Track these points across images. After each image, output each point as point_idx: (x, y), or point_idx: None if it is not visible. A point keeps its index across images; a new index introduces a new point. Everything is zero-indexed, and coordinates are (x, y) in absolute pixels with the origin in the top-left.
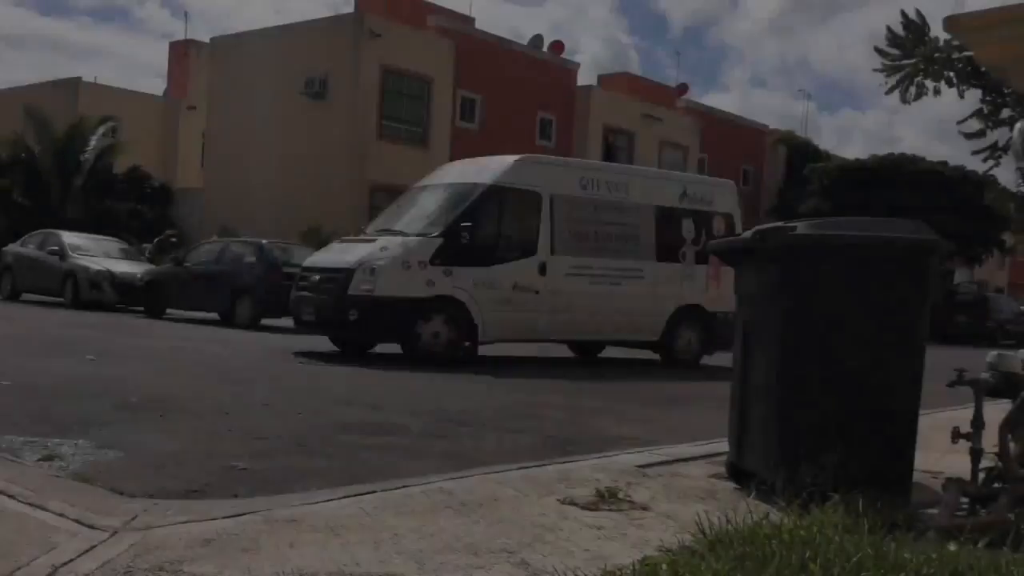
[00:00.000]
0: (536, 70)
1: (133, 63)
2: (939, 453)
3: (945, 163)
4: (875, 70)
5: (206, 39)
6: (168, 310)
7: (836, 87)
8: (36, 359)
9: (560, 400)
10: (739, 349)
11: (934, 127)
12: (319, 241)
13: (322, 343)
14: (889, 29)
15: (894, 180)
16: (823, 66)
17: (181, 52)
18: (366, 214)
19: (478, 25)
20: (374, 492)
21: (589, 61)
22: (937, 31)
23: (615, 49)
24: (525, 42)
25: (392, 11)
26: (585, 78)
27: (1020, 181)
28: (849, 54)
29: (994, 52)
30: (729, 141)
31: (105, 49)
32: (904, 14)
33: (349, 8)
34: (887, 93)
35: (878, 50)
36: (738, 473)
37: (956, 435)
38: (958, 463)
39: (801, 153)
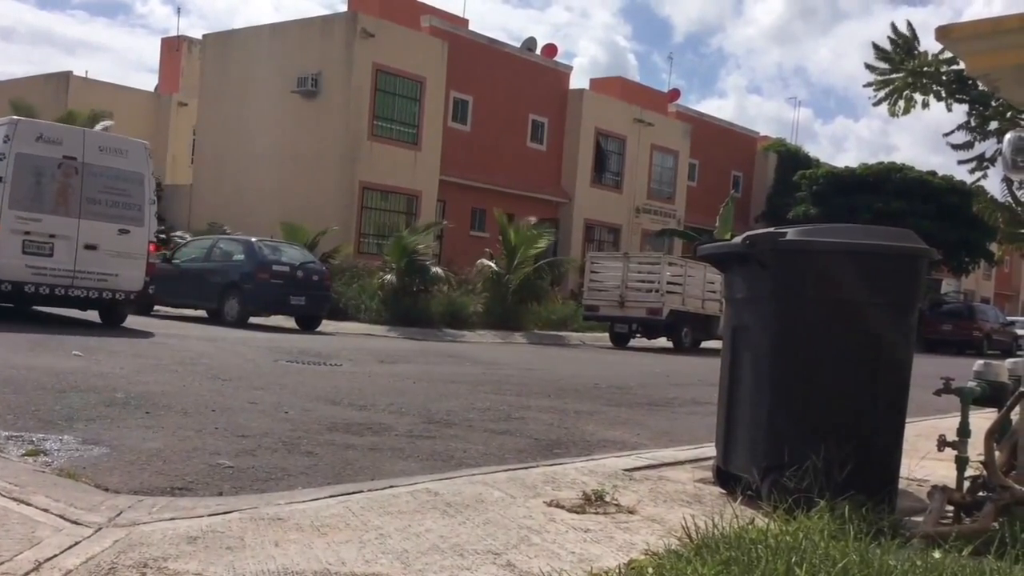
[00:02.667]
0: (529, 72)
1: (128, 58)
2: (925, 460)
3: (933, 173)
4: (865, 85)
5: (199, 36)
6: (156, 307)
7: (834, 95)
8: (22, 354)
9: (546, 402)
10: (727, 353)
11: (930, 137)
12: (305, 239)
13: (309, 341)
14: (876, 46)
15: (882, 188)
16: (823, 74)
17: (173, 48)
18: (356, 213)
19: (482, 28)
20: (360, 492)
21: (587, 65)
22: (926, 45)
23: (616, 54)
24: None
25: (385, 11)
26: (583, 82)
27: (1007, 191)
28: (848, 62)
29: (985, 62)
30: (720, 147)
31: (100, 43)
32: (894, 28)
33: (343, 7)
34: (875, 105)
35: (868, 66)
36: (725, 477)
37: (942, 443)
38: (943, 471)
39: (791, 160)
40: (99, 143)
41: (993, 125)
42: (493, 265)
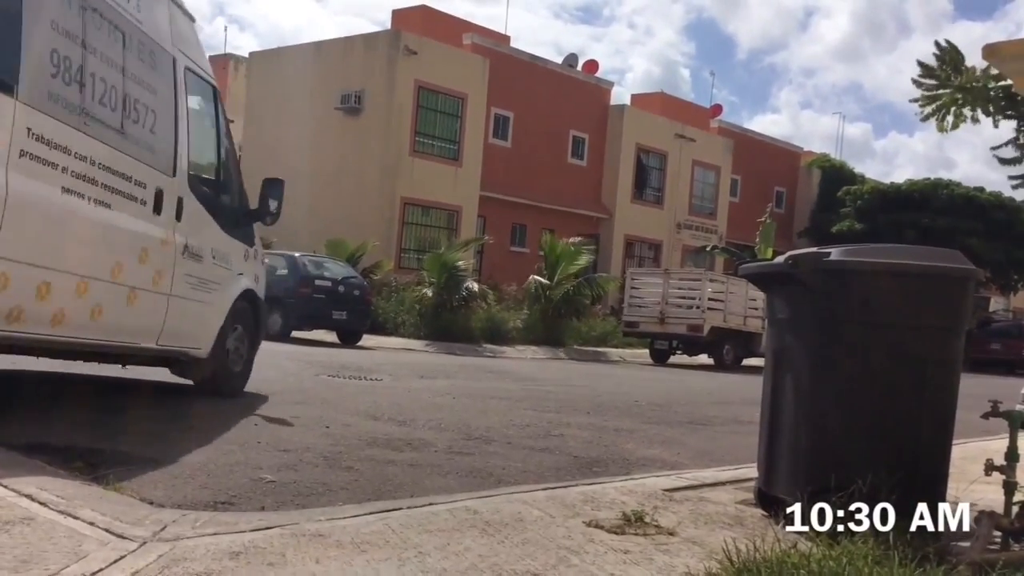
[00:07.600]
0: (570, 89)
1: None
2: (972, 485)
3: (981, 189)
4: (911, 100)
5: (245, 54)
6: None
7: (890, 110)
8: (65, 367)
9: (585, 419)
10: (769, 375)
11: (988, 153)
12: (347, 254)
13: (350, 356)
14: (920, 63)
15: (929, 204)
16: (883, 90)
17: (220, 66)
18: (398, 228)
19: (533, 45)
20: (400, 509)
21: (642, 80)
22: (973, 60)
23: (672, 70)
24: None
25: (428, 29)
26: (631, 98)
27: None
28: (908, 77)
29: None
30: (762, 163)
31: None
32: (938, 45)
33: (387, 25)
34: (923, 120)
35: (915, 81)
36: (767, 500)
37: (989, 467)
38: (991, 495)
39: (835, 175)
40: None
41: None
42: (544, 280)
